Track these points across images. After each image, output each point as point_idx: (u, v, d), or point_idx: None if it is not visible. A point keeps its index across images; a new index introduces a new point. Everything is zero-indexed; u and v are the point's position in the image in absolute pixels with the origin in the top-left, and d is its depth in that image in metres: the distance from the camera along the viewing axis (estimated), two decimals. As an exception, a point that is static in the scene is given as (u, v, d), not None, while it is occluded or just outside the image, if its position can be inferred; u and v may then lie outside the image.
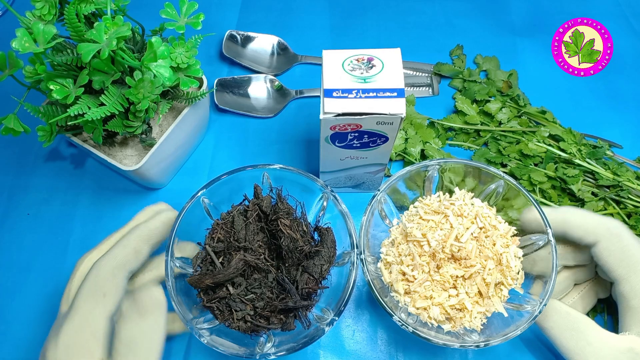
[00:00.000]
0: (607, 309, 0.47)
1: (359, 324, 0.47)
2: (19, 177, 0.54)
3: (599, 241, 0.40)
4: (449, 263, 0.41)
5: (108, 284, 0.37)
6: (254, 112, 0.58)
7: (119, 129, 0.42)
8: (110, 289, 0.37)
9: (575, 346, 0.38)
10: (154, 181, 0.50)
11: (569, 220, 0.41)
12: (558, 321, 0.39)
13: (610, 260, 0.39)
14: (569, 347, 0.38)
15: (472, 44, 0.63)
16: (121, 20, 0.37)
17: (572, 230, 0.41)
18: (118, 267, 0.37)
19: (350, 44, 0.64)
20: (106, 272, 0.37)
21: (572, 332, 0.39)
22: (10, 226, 0.51)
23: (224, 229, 0.42)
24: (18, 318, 0.47)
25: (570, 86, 0.61)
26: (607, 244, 0.39)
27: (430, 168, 0.45)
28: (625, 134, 0.57)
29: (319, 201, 0.45)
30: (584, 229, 0.40)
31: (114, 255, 0.38)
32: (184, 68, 0.44)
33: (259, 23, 0.65)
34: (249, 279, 0.40)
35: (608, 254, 0.39)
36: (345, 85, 0.38)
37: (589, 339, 0.38)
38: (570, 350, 0.38)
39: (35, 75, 0.38)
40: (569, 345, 0.38)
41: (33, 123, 0.42)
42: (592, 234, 0.40)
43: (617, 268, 0.39)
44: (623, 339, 0.38)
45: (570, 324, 0.39)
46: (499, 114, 0.56)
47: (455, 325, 0.40)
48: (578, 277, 0.44)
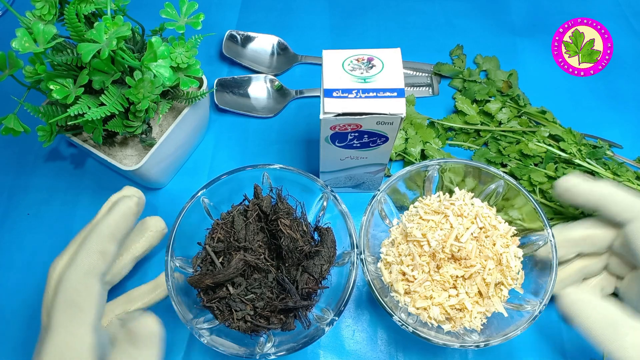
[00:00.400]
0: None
1: (359, 324, 0.47)
2: (19, 177, 0.54)
3: (637, 219, 0.39)
4: (449, 263, 0.41)
5: (82, 296, 0.34)
6: (254, 112, 0.58)
7: (119, 129, 0.42)
8: (85, 301, 0.34)
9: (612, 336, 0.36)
10: (154, 181, 0.50)
11: (609, 194, 0.40)
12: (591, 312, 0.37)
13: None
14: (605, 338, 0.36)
15: (472, 44, 0.63)
16: (121, 20, 0.37)
17: (609, 205, 0.40)
18: (87, 274, 0.35)
19: (350, 44, 0.64)
20: (76, 283, 0.34)
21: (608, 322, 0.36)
22: (10, 226, 0.51)
23: (224, 229, 0.42)
24: (18, 318, 0.47)
25: (570, 86, 0.61)
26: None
27: (430, 168, 0.45)
28: (625, 134, 0.57)
29: (319, 201, 0.45)
30: (622, 206, 0.39)
31: (79, 263, 0.35)
32: (184, 68, 0.44)
33: (259, 23, 0.65)
34: (249, 279, 0.40)
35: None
36: (345, 85, 0.38)
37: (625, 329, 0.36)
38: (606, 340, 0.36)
39: (35, 75, 0.38)
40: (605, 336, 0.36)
41: (33, 123, 0.42)
42: (629, 211, 0.39)
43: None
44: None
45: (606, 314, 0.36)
46: (499, 114, 0.56)
47: (455, 325, 0.40)
48: (590, 270, 0.44)
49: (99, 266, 0.35)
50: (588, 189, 0.40)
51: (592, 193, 0.40)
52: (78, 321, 0.33)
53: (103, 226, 0.37)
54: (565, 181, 0.41)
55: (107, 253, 0.36)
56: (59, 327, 0.33)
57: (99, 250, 0.36)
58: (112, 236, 0.37)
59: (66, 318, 0.33)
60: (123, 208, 0.38)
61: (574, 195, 0.40)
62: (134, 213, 0.38)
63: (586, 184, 0.41)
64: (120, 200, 0.38)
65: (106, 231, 0.36)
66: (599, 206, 0.40)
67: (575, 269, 0.43)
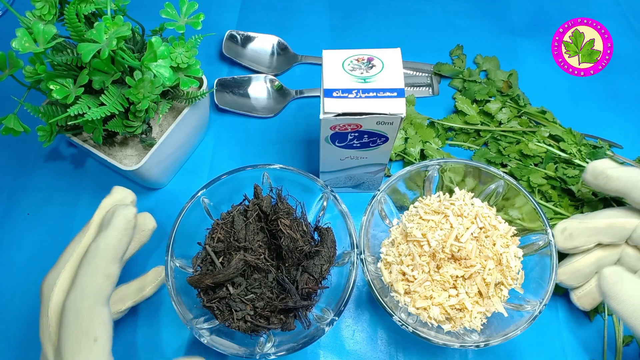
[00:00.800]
0: (607, 309, 0.47)
1: (359, 324, 0.47)
2: (19, 177, 0.54)
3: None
4: (449, 263, 0.41)
5: (94, 325, 0.32)
6: (254, 112, 0.58)
7: (119, 129, 0.42)
8: (99, 330, 0.32)
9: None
10: (154, 181, 0.50)
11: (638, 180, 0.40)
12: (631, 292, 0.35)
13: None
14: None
15: (472, 44, 0.63)
16: (121, 20, 0.37)
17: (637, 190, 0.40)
18: (96, 302, 0.33)
19: (350, 44, 0.64)
20: (86, 311, 0.32)
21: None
22: (10, 226, 0.51)
23: (224, 229, 0.42)
24: (18, 318, 0.47)
25: (570, 86, 0.61)
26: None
27: (430, 168, 0.45)
28: (625, 134, 0.57)
29: (319, 201, 0.45)
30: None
31: (86, 289, 0.33)
32: (184, 68, 0.44)
33: (259, 23, 0.65)
34: (249, 279, 0.40)
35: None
36: (345, 85, 0.38)
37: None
38: None
39: (35, 75, 0.38)
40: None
41: (33, 123, 0.42)
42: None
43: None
44: None
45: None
46: (499, 114, 0.56)
47: (455, 325, 0.40)
48: (607, 260, 0.43)
49: (106, 291, 0.34)
50: (620, 174, 0.40)
51: (621, 179, 0.40)
52: (96, 354, 0.32)
53: (105, 247, 0.34)
54: (598, 165, 0.41)
55: (112, 275, 0.34)
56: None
57: (104, 274, 0.34)
58: (115, 257, 0.34)
59: (84, 352, 0.32)
60: (122, 223, 0.35)
61: (607, 179, 0.40)
62: (133, 226, 0.36)
63: (619, 169, 0.41)
64: (117, 212, 0.35)
65: (109, 252, 0.34)
66: (628, 192, 0.40)
67: (594, 259, 0.43)
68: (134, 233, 0.36)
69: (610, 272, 0.35)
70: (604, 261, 0.43)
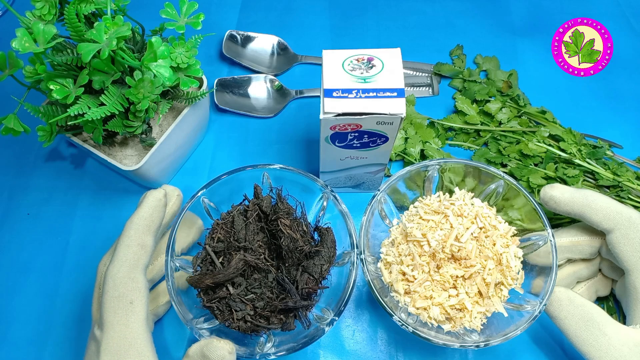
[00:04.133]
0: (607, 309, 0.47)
1: (359, 324, 0.47)
2: (19, 177, 0.54)
3: (617, 228, 0.40)
4: (449, 263, 0.41)
5: (130, 290, 0.36)
6: (254, 112, 0.58)
7: (119, 129, 0.42)
8: (135, 294, 0.36)
9: (589, 337, 0.37)
10: (154, 181, 0.50)
11: (592, 202, 0.40)
12: (572, 311, 0.38)
13: (626, 250, 0.39)
14: (583, 338, 0.38)
15: (472, 44, 0.63)
16: (121, 20, 0.37)
17: (592, 212, 0.40)
18: (131, 268, 0.36)
19: (350, 44, 0.64)
20: (123, 277, 0.36)
21: (586, 323, 0.38)
22: (10, 226, 0.51)
23: (224, 229, 0.42)
24: (18, 318, 0.47)
25: (570, 86, 0.61)
26: (625, 232, 0.39)
27: (430, 168, 0.45)
28: (625, 134, 0.57)
29: (319, 201, 0.45)
30: (604, 214, 0.40)
31: (122, 257, 0.36)
32: (184, 68, 0.44)
33: (259, 23, 0.65)
34: (249, 279, 0.40)
35: (625, 242, 0.39)
36: (345, 85, 0.38)
37: (603, 330, 0.37)
38: (584, 340, 0.38)
39: (35, 75, 0.38)
40: (583, 336, 0.38)
41: (33, 123, 0.42)
42: (612, 220, 0.40)
43: (631, 257, 0.39)
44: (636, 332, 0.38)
45: (585, 315, 0.38)
46: (499, 114, 0.56)
47: (455, 325, 0.40)
48: (582, 274, 0.44)
49: (141, 259, 0.37)
50: (569, 198, 0.41)
51: (574, 202, 0.41)
52: (133, 316, 0.35)
53: (138, 220, 0.38)
54: (548, 190, 0.42)
55: (147, 245, 0.37)
56: (114, 323, 0.35)
57: (139, 244, 0.37)
58: (148, 228, 0.38)
59: (120, 313, 0.35)
60: (152, 200, 0.39)
61: (557, 204, 0.41)
62: (163, 204, 0.39)
63: (568, 193, 0.41)
64: (147, 193, 0.39)
65: (142, 224, 0.38)
66: (583, 214, 0.41)
67: (566, 274, 0.44)
68: (164, 211, 0.40)
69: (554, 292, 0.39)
70: (578, 274, 0.44)
